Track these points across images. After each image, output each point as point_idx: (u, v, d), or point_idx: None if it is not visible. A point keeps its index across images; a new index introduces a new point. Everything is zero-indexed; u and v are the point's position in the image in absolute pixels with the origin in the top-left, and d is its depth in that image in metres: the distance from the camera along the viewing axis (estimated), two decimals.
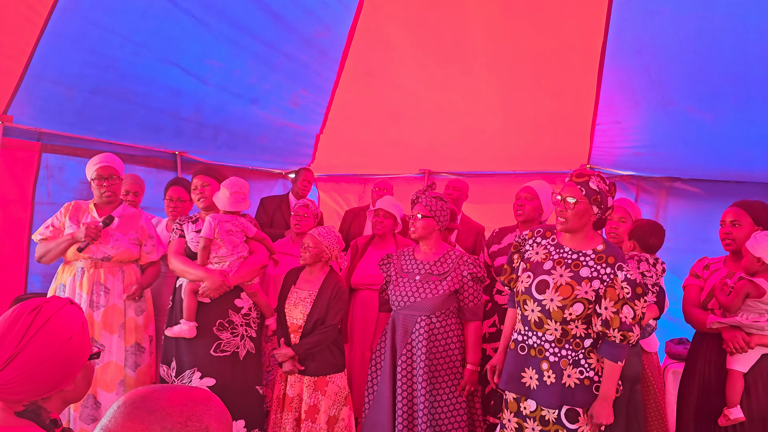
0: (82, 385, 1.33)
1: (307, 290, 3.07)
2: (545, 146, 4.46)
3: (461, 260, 2.85)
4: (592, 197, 2.22)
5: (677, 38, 3.13)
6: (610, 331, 2.16)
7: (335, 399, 2.99)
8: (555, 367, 2.24)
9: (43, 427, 1.23)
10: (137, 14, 3.26)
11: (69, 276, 3.00)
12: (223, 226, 3.02)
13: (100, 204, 3.13)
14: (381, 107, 4.52)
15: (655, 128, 3.72)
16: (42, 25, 2.97)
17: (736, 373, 2.57)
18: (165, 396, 0.86)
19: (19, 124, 3.47)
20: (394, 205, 3.62)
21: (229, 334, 3.00)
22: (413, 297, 2.83)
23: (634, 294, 2.16)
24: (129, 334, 3.07)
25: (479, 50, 3.77)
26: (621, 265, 2.19)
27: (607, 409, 2.18)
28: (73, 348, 1.27)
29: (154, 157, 4.56)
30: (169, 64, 3.70)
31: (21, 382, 1.19)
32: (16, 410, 1.22)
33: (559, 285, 2.24)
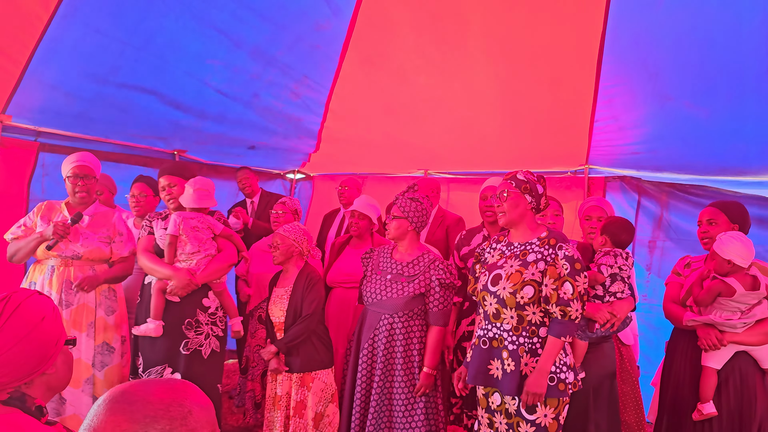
0: (63, 370, 1.37)
1: (284, 287, 3.13)
2: (544, 143, 4.44)
3: (432, 264, 2.89)
4: (522, 186, 2.42)
5: (673, 31, 3.11)
6: (550, 307, 2.30)
7: (321, 396, 3.02)
8: (514, 355, 2.34)
9: (28, 414, 1.26)
10: (136, 18, 3.29)
11: (39, 275, 3.00)
12: (188, 223, 3.06)
13: (72, 203, 3.13)
14: (380, 102, 4.50)
15: (653, 125, 3.69)
16: (42, 30, 3.01)
17: (710, 370, 2.64)
18: (143, 387, 0.88)
19: (17, 123, 3.48)
20: (370, 205, 3.63)
21: (194, 333, 3.03)
22: (381, 295, 2.90)
23: (573, 270, 2.30)
24: (98, 333, 3.06)
25: (479, 44, 3.73)
26: (561, 245, 2.35)
27: (539, 379, 2.27)
28: (47, 329, 1.31)
29: (152, 156, 4.56)
30: (169, 67, 3.73)
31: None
32: (1, 398, 1.26)
33: (510, 274, 2.39)
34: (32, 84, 3.26)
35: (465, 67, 3.96)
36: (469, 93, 4.16)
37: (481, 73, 3.96)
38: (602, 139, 4.09)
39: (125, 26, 3.28)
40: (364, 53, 4.10)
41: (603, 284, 2.70)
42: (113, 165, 4.16)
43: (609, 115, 3.82)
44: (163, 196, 3.21)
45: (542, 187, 2.46)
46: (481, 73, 3.96)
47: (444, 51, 3.91)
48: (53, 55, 3.17)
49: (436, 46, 3.90)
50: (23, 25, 2.96)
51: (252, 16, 3.62)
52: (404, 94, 4.33)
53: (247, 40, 3.81)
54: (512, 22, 3.58)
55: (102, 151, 4.10)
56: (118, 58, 3.44)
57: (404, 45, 3.96)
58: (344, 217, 4.42)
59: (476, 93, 4.14)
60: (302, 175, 6.14)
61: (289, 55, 4.06)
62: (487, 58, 3.86)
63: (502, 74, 3.94)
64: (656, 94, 3.47)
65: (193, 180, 3.15)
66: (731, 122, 3.39)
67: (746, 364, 2.62)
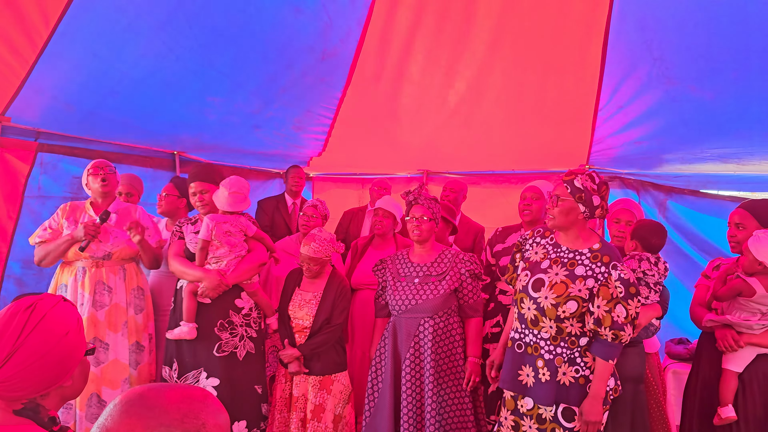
0: (79, 380, 1.33)
1: (312, 292, 3.10)
2: (546, 140, 4.43)
3: (458, 258, 2.88)
4: (577, 195, 2.25)
5: (678, 12, 3.08)
6: (601, 330, 2.18)
7: (340, 398, 3.02)
8: (550, 365, 2.26)
9: (41, 425, 1.23)
10: (136, 51, 3.25)
11: (70, 276, 2.99)
12: (221, 228, 3.01)
13: (96, 201, 3.14)
14: (383, 104, 4.50)
15: (656, 109, 3.68)
16: (42, 45, 2.96)
17: (731, 373, 2.59)
18: (162, 394, 0.86)
19: (16, 123, 3.46)
20: (394, 205, 3.62)
21: (228, 335, 2.99)
22: (414, 299, 2.84)
23: (627, 293, 2.18)
24: (131, 333, 3.08)
25: (482, 29, 3.69)
26: (615, 264, 2.21)
27: (596, 407, 2.19)
28: (70, 344, 1.27)
29: (152, 156, 4.55)
30: (168, 100, 3.73)
31: (19, 379, 1.20)
32: (15, 408, 1.22)
33: (554, 283, 2.27)
34: (32, 92, 3.22)
35: (468, 65, 3.94)
36: (472, 89, 4.14)
37: (486, 66, 3.93)
38: (605, 131, 4.07)
39: (124, 58, 3.26)
40: (372, 72, 4.09)
41: None
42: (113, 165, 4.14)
43: (613, 101, 3.80)
44: (193, 201, 3.16)
45: (600, 197, 2.28)
46: (485, 66, 3.93)
47: (448, 48, 3.88)
48: (53, 68, 3.11)
49: (441, 44, 3.87)
50: (23, 38, 2.93)
51: (255, 58, 3.62)
52: (407, 94, 4.32)
53: (249, 81, 3.82)
54: (517, 6, 3.53)
55: (102, 151, 4.07)
56: (116, 84, 3.42)
57: (411, 55, 3.93)
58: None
59: (479, 87, 4.12)
60: None
61: (293, 91, 4.07)
62: (491, 50, 3.82)
63: (506, 65, 3.90)
64: (661, 78, 3.45)
65: (229, 182, 3.06)
66: (736, 105, 3.38)
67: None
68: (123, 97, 3.56)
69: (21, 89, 3.17)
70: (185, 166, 4.77)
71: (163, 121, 4.03)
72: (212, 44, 3.41)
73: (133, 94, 3.57)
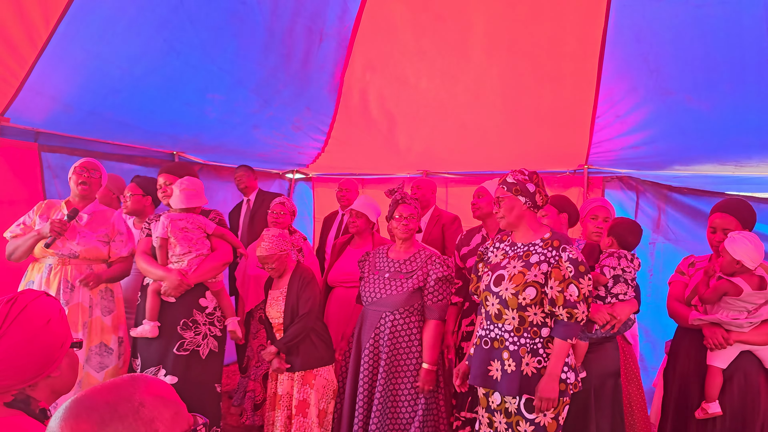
0: (68, 373, 1.35)
1: (279, 288, 3.14)
2: (545, 143, 4.44)
3: (429, 260, 2.93)
4: (513, 188, 2.41)
5: (674, 24, 3.09)
6: (556, 309, 2.30)
7: (323, 392, 3.04)
8: (515, 356, 2.34)
9: (32, 416, 1.25)
10: (137, 49, 3.29)
11: (37, 273, 2.99)
12: (176, 224, 3.04)
13: (74, 201, 3.12)
14: (382, 104, 4.51)
15: (654, 120, 3.68)
16: (42, 46, 3.00)
17: (715, 369, 2.64)
18: (88, 395, 0.85)
19: (16, 124, 3.46)
20: (368, 205, 3.64)
21: (192, 333, 3.02)
22: (380, 293, 2.93)
23: (578, 272, 2.30)
24: (94, 333, 3.03)
25: (480, 39, 3.71)
26: (564, 247, 2.34)
27: (550, 384, 2.27)
28: (53, 332, 1.30)
29: (152, 157, 4.55)
30: (169, 99, 3.76)
31: (4, 368, 1.22)
32: (5, 401, 1.24)
33: (513, 275, 2.38)
34: (32, 94, 3.25)
35: (466, 67, 3.95)
36: (470, 93, 4.15)
37: (483, 72, 3.95)
38: (603, 137, 4.08)
39: (125, 56, 3.29)
40: (367, 58, 4.09)
41: (605, 286, 2.71)
42: (113, 165, 4.16)
43: (610, 111, 3.81)
44: (159, 194, 3.23)
45: (534, 184, 2.43)
46: (482, 72, 3.95)
47: (445, 52, 3.91)
48: (53, 69, 3.16)
49: (438, 48, 3.90)
50: (24, 39, 2.94)
51: (255, 53, 3.64)
52: (405, 96, 4.33)
53: (250, 77, 3.84)
54: (514, 18, 3.56)
55: (102, 151, 4.09)
56: (117, 82, 3.46)
57: (406, 48, 3.95)
58: (343, 218, 4.44)
59: (477, 92, 4.13)
60: (302, 175, 6.14)
61: (292, 86, 4.08)
62: (488, 57, 3.85)
63: (503, 72, 3.93)
64: (658, 89, 3.46)
65: (180, 180, 3.12)
66: (732, 115, 3.37)
67: (750, 363, 2.62)
68: (123, 96, 3.60)
69: (20, 90, 3.21)
70: None
71: (164, 121, 4.07)
72: (213, 40, 3.44)
73: (134, 93, 3.61)
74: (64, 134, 3.85)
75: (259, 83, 3.94)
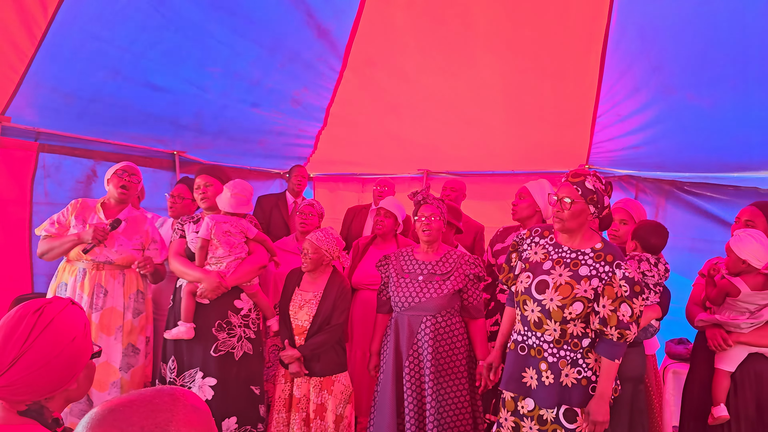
0: (84, 384, 1.34)
1: (312, 292, 3.08)
2: (545, 142, 4.44)
3: (463, 260, 2.89)
4: (588, 197, 2.22)
5: (676, 21, 3.10)
6: (607, 329, 2.17)
7: (341, 398, 3.02)
8: (553, 368, 2.25)
9: (45, 426, 1.23)
10: (136, 26, 3.25)
11: (71, 276, 2.98)
12: (221, 227, 3.01)
13: (108, 203, 3.11)
14: (382, 101, 4.49)
15: (655, 119, 3.70)
16: (41, 35, 2.96)
17: (723, 372, 2.60)
18: (125, 414, 0.81)
19: (16, 123, 3.46)
20: (396, 206, 3.63)
21: (226, 335, 2.99)
22: (417, 297, 2.84)
23: (632, 292, 2.16)
24: (125, 336, 3.06)
25: (482, 36, 3.70)
26: (619, 264, 2.19)
27: (603, 407, 2.18)
28: (77, 349, 1.28)
29: (152, 156, 4.55)
30: (169, 74, 3.70)
31: (25, 383, 1.20)
32: (19, 409, 1.22)
33: (559, 285, 2.24)
34: (31, 87, 3.22)
35: (468, 67, 3.95)
36: (471, 93, 4.16)
37: (484, 72, 3.96)
38: (604, 136, 4.09)
39: (124, 35, 3.26)
40: (367, 56, 4.08)
41: None
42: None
43: (612, 109, 3.83)
44: (196, 195, 3.15)
45: (609, 197, 2.29)
46: (484, 72, 3.96)
47: (447, 50, 3.90)
48: (52, 59, 3.13)
49: (439, 45, 3.89)
50: (22, 30, 2.93)
51: (252, 29, 3.61)
52: (406, 93, 4.33)
53: (248, 51, 3.80)
54: (517, 15, 3.55)
55: (101, 151, 4.07)
56: (117, 62, 3.42)
57: (407, 45, 3.95)
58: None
59: (478, 92, 4.14)
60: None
61: (290, 67, 4.05)
62: (490, 56, 3.85)
63: (505, 71, 3.93)
64: (659, 86, 3.47)
65: (233, 183, 3.06)
66: (734, 112, 3.40)
67: (763, 367, 2.57)
68: (123, 77, 3.55)
69: (20, 84, 3.17)
70: (185, 167, 4.77)
71: (164, 102, 3.98)
72: (211, 14, 3.40)
73: (133, 73, 3.56)
74: (65, 134, 3.83)
75: (257, 58, 3.89)
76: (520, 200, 3.24)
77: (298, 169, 4.90)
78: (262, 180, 5.86)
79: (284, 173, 6.02)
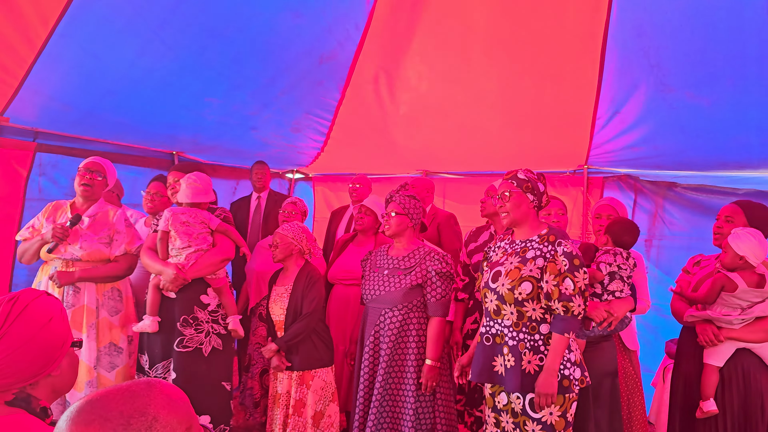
0: (68, 372, 1.35)
1: (284, 285, 3.13)
2: (545, 143, 4.42)
3: (428, 256, 2.92)
4: (523, 185, 2.43)
5: (675, 18, 3.08)
6: (552, 303, 2.29)
7: (321, 394, 3.02)
8: (514, 351, 2.34)
9: (33, 414, 1.25)
10: (134, 52, 3.28)
11: (45, 276, 3.01)
12: (178, 218, 3.04)
13: (77, 201, 3.11)
14: (383, 114, 4.49)
15: (654, 118, 3.65)
16: (40, 46, 3.00)
17: (711, 367, 2.63)
18: (102, 400, 0.83)
19: (15, 123, 3.47)
20: (378, 204, 3.65)
21: (193, 330, 3.01)
22: (379, 290, 2.93)
23: (572, 266, 2.30)
24: (102, 334, 3.03)
25: (480, 36, 3.70)
26: (560, 241, 2.34)
27: (548, 379, 2.26)
28: (54, 331, 1.30)
29: (151, 156, 4.56)
30: (167, 101, 3.76)
31: (5, 366, 1.22)
32: (6, 399, 1.24)
33: (509, 270, 2.39)
34: (30, 93, 3.25)
35: (467, 70, 3.93)
36: (470, 92, 4.13)
37: (483, 70, 3.92)
38: (603, 136, 4.06)
39: (122, 58, 3.29)
40: (370, 73, 4.09)
41: (602, 282, 2.70)
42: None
43: (611, 109, 3.79)
44: (168, 192, 3.24)
45: (543, 185, 2.47)
46: (482, 70, 3.92)
47: (446, 54, 3.89)
48: (51, 70, 3.16)
49: (439, 50, 3.88)
50: (22, 39, 2.95)
51: (253, 60, 3.63)
52: (406, 95, 4.31)
53: (247, 83, 3.84)
54: (515, 13, 3.53)
55: (100, 151, 4.08)
56: (114, 84, 3.45)
57: (408, 51, 3.92)
58: (353, 214, 4.42)
59: (477, 92, 4.11)
60: (301, 175, 6.14)
61: (291, 95, 4.08)
62: (488, 57, 3.83)
63: (503, 72, 3.90)
64: (658, 85, 3.43)
65: (188, 175, 3.12)
66: (733, 111, 3.35)
67: (750, 362, 2.59)
68: (121, 97, 3.60)
69: (19, 90, 3.20)
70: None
71: (161, 122, 4.07)
72: (211, 45, 3.45)
73: (131, 94, 3.61)
74: (63, 134, 3.86)
75: (257, 89, 3.93)
76: (489, 198, 3.39)
77: (258, 165, 4.81)
78: None
79: (283, 173, 6.03)
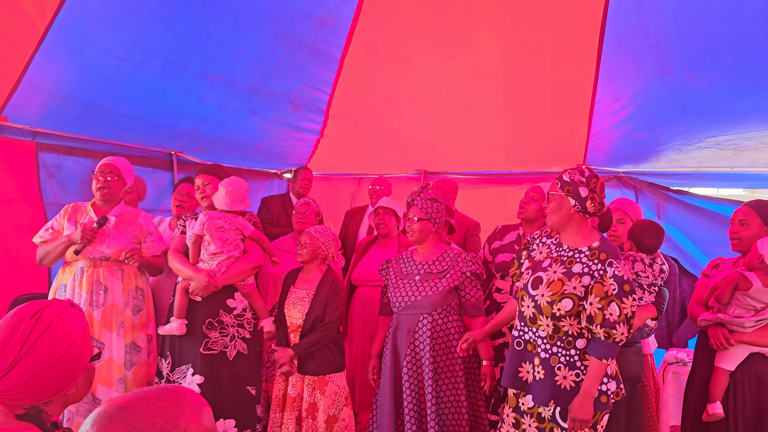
0: (83, 387, 1.32)
1: (305, 289, 3.07)
2: (543, 133, 4.41)
3: (459, 257, 2.88)
4: (565, 188, 2.25)
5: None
6: (594, 327, 2.15)
7: (335, 399, 2.99)
8: (545, 364, 2.26)
9: (43, 430, 1.22)
10: (134, 33, 3.23)
11: (69, 276, 3.00)
12: (214, 223, 3.01)
13: (97, 203, 3.11)
14: (382, 91, 4.42)
15: (653, 98, 3.66)
16: (39, 38, 2.95)
17: (721, 371, 2.60)
18: (135, 410, 0.82)
19: (14, 123, 3.44)
20: (394, 203, 3.64)
21: (218, 334, 3.00)
22: (414, 296, 2.84)
23: (621, 291, 2.14)
24: (126, 332, 3.06)
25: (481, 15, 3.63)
26: (611, 262, 2.17)
27: (585, 405, 2.16)
28: (75, 354, 1.25)
29: (150, 156, 4.53)
30: (167, 86, 3.70)
31: (22, 389, 1.19)
32: (17, 413, 1.21)
33: (552, 281, 2.25)
34: (30, 89, 3.21)
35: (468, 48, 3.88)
36: (471, 76, 4.10)
37: (484, 53, 3.88)
38: (602, 123, 4.05)
39: (123, 41, 3.23)
40: (369, 43, 4.01)
41: None
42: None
43: (610, 92, 3.78)
44: (197, 195, 3.19)
45: (588, 189, 2.23)
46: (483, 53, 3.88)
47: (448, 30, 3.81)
48: (51, 63, 3.11)
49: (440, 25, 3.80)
50: (20, 32, 2.90)
51: (251, 26, 3.58)
52: (407, 80, 4.25)
53: (247, 51, 3.78)
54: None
55: (99, 151, 4.05)
56: (114, 72, 3.39)
57: (408, 26, 3.86)
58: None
59: (478, 76, 4.08)
60: None
61: (290, 61, 4.01)
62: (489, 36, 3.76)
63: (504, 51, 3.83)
64: (657, 67, 3.43)
65: (227, 180, 3.08)
66: (731, 91, 3.37)
67: (764, 367, 2.54)
68: (122, 85, 3.53)
69: (18, 85, 3.16)
70: (183, 167, 4.76)
71: (162, 112, 3.98)
72: (209, 14, 3.37)
73: (132, 82, 3.53)
74: (62, 133, 3.82)
75: (257, 57, 3.86)
76: (533, 201, 3.12)
77: (304, 171, 4.89)
78: (261, 180, 5.85)
79: (281, 173, 6.01)
